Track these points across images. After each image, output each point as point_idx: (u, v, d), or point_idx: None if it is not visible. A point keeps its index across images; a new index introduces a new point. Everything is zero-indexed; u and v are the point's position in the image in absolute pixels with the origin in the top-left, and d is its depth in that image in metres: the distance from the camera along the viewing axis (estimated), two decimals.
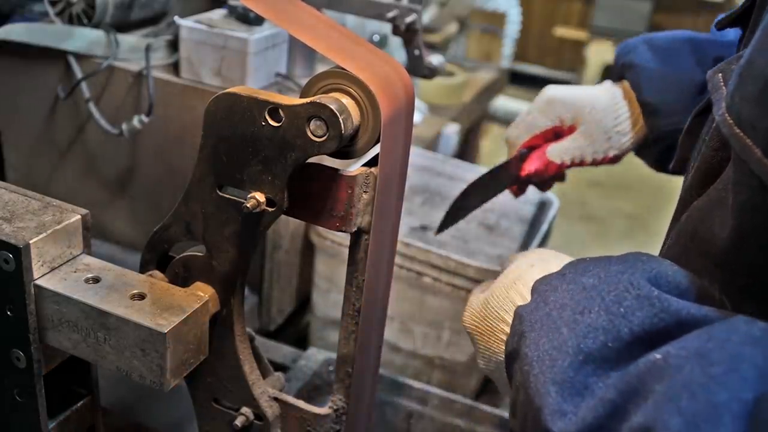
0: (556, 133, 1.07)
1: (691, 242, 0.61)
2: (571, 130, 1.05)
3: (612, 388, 0.49)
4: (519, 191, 1.13)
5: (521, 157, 1.08)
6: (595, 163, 1.06)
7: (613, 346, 0.52)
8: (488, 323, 0.71)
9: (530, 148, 1.08)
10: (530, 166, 1.06)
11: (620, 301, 0.54)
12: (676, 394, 0.43)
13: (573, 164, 1.06)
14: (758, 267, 0.53)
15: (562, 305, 0.58)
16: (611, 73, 1.11)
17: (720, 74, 0.60)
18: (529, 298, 0.64)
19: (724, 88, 0.58)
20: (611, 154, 1.05)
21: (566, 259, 0.70)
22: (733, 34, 0.97)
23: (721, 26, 0.77)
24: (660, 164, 1.06)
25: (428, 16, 2.53)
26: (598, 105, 1.04)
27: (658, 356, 0.47)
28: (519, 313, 0.62)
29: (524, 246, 1.50)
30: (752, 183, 0.50)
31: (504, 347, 0.67)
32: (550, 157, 1.05)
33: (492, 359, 0.72)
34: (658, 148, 1.04)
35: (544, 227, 1.41)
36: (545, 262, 0.72)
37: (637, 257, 0.58)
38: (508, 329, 0.68)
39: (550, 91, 1.07)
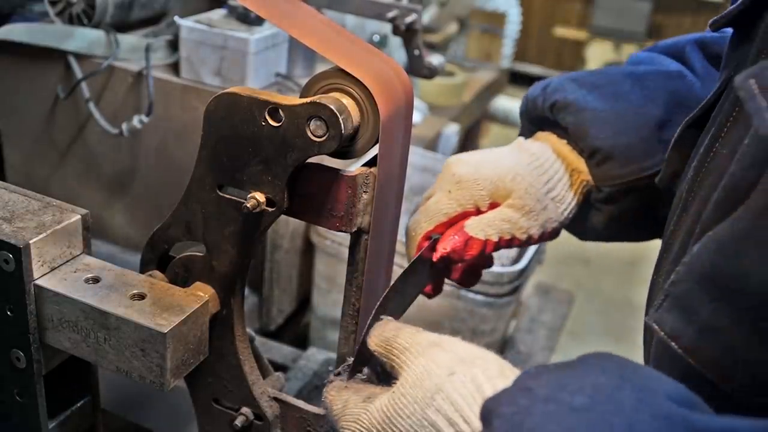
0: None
1: (708, 281, 0.53)
2: (492, 207, 0.83)
3: None
4: (434, 290, 0.88)
5: (433, 244, 0.82)
6: (529, 240, 0.84)
7: None
8: None
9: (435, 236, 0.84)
10: (445, 246, 0.81)
11: (633, 425, 0.43)
12: None
13: (501, 243, 0.83)
14: None
15: None
16: (522, 125, 0.91)
17: (753, 80, 0.49)
18: (458, 420, 0.52)
19: (762, 97, 0.48)
20: (549, 227, 0.84)
21: (495, 360, 0.56)
22: (674, 65, 0.87)
23: (717, 27, 0.68)
24: (608, 230, 0.88)
25: (428, 16, 2.53)
26: (521, 169, 0.83)
27: None
28: None
29: (522, 252, 1.49)
30: None
31: None
32: (470, 232, 0.81)
33: None
34: (611, 207, 0.86)
35: None
36: (467, 364, 0.55)
37: (618, 364, 0.48)
38: None
39: (456, 168, 0.83)
